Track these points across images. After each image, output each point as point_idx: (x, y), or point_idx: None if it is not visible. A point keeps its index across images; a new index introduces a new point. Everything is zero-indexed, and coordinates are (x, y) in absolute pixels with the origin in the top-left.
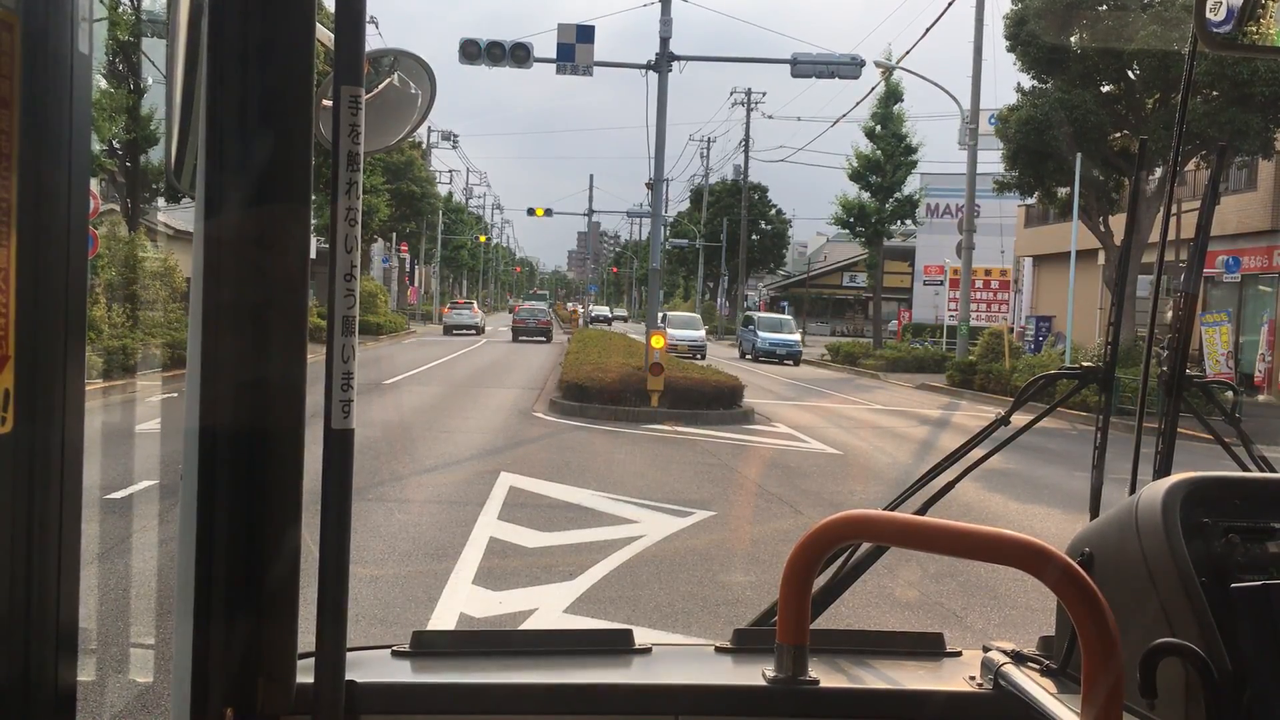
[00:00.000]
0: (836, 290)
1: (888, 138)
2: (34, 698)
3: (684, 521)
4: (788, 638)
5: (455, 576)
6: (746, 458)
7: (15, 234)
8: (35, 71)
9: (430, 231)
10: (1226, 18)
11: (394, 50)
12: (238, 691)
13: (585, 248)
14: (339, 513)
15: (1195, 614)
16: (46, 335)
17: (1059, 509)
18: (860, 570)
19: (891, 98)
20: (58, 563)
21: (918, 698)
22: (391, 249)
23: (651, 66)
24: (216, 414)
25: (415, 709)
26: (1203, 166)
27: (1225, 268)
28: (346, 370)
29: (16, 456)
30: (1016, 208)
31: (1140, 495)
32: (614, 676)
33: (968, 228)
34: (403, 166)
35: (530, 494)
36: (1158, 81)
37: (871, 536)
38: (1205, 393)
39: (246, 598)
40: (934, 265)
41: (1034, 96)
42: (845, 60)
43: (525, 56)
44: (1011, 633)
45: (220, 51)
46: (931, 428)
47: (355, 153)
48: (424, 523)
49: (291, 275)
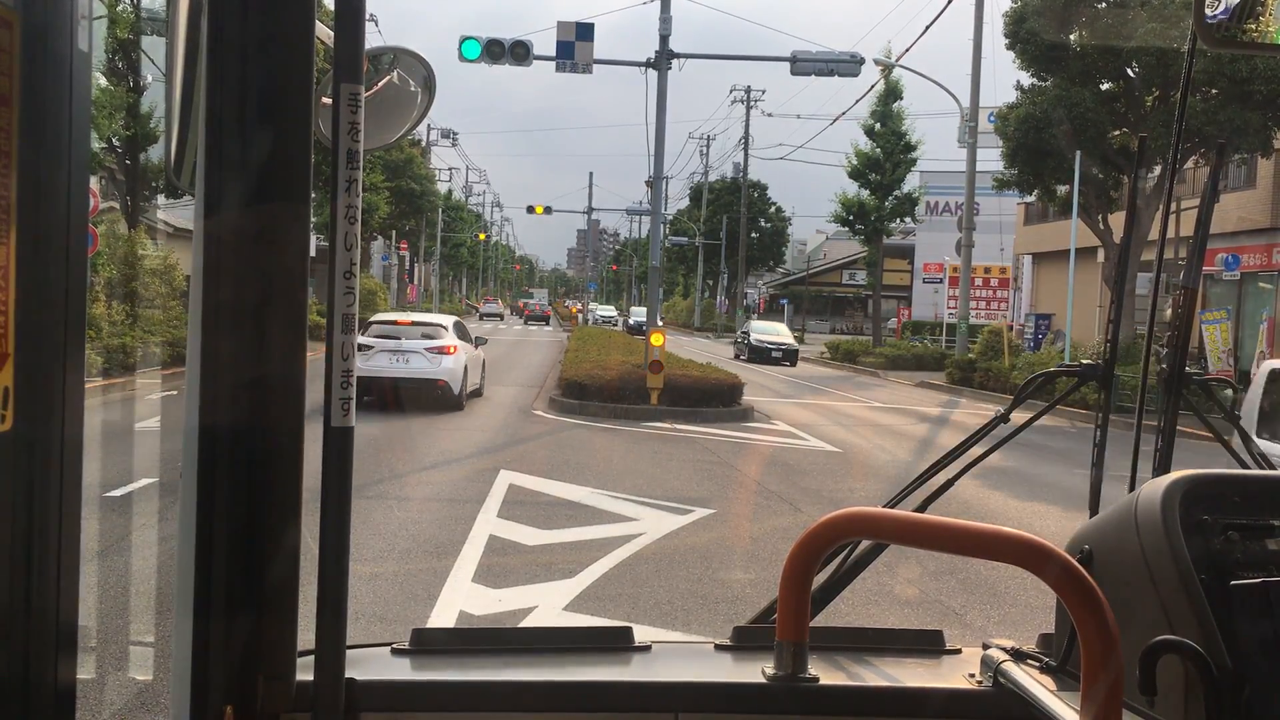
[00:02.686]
0: (836, 288)
1: (887, 135)
2: (34, 695)
3: (684, 519)
4: (787, 635)
5: (455, 574)
6: (746, 455)
7: (15, 231)
8: (35, 69)
9: (430, 229)
10: (1225, 15)
11: (394, 48)
12: (238, 689)
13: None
14: (339, 510)
15: (1194, 611)
16: (46, 333)
17: (1059, 507)
18: (860, 568)
19: (891, 95)
20: (57, 560)
21: (917, 695)
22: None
23: (651, 64)
24: (216, 412)
25: (415, 706)
26: (1202, 164)
27: (1225, 265)
28: (346, 368)
29: (16, 454)
30: (1016, 205)
31: (1140, 492)
32: (614, 674)
33: (967, 225)
34: (402, 164)
35: (530, 492)
36: (1157, 79)
37: (871, 534)
38: (1204, 390)
39: (246, 595)
40: (933, 263)
41: (1033, 94)
42: (845, 58)
43: (525, 54)
44: (1011, 631)
45: (220, 49)
46: (931, 425)
47: (355, 150)
48: (423, 520)
49: (291, 273)
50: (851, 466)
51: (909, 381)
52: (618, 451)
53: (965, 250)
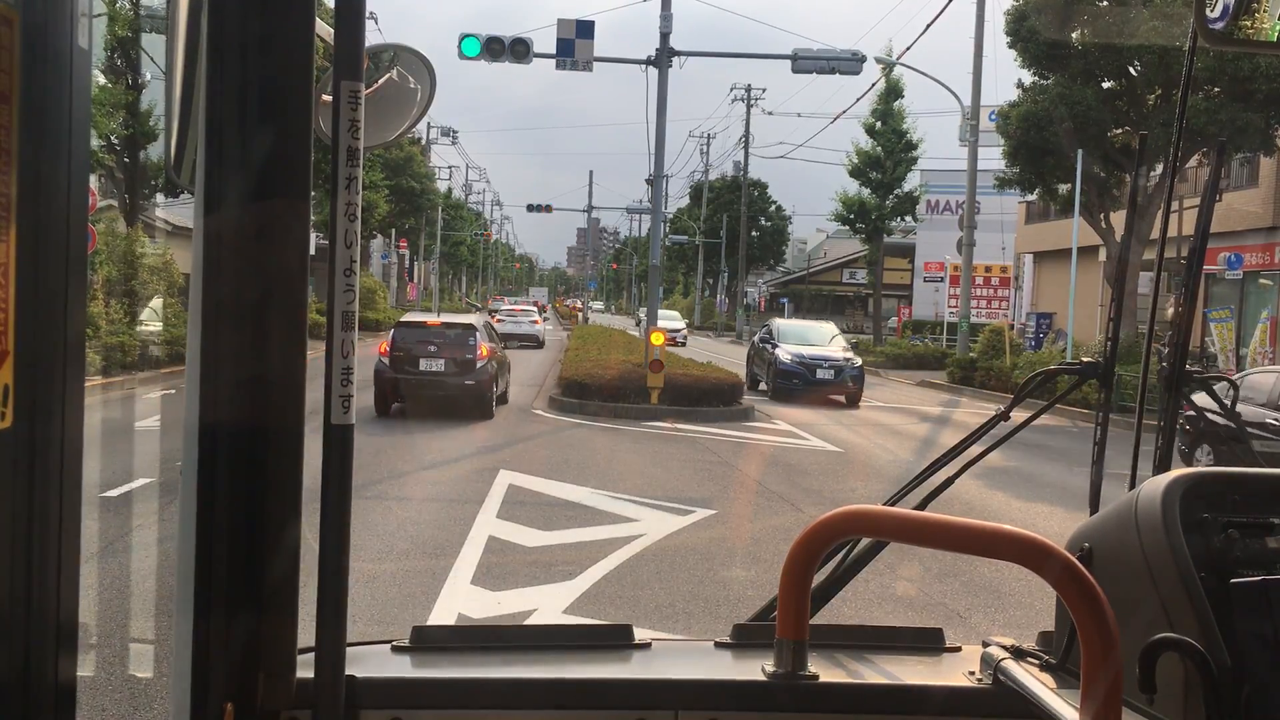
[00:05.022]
0: (836, 287)
1: (888, 134)
2: (34, 693)
3: (684, 520)
4: (787, 633)
5: (454, 576)
6: (747, 455)
7: (15, 229)
8: (35, 67)
9: (429, 228)
10: (1226, 14)
11: (394, 45)
12: (238, 686)
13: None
14: (339, 508)
15: (1194, 609)
16: (46, 331)
17: (1059, 506)
18: (860, 565)
19: (892, 94)
20: (58, 558)
21: (917, 693)
22: (391, 245)
23: (651, 62)
24: (216, 410)
25: (415, 704)
26: (1203, 163)
27: (1227, 264)
28: (346, 366)
29: (16, 452)
30: (1017, 204)
31: (1140, 491)
32: (614, 671)
33: (968, 224)
34: (402, 162)
35: (530, 492)
36: (1158, 78)
37: (871, 532)
38: (1205, 389)
39: (246, 593)
40: (934, 262)
41: (1035, 92)
42: (846, 56)
43: (525, 52)
44: (1011, 629)
45: (220, 47)
46: (933, 425)
47: (355, 148)
48: (422, 521)
49: (291, 271)
50: (853, 466)
51: (910, 380)
52: (618, 451)
53: (966, 249)
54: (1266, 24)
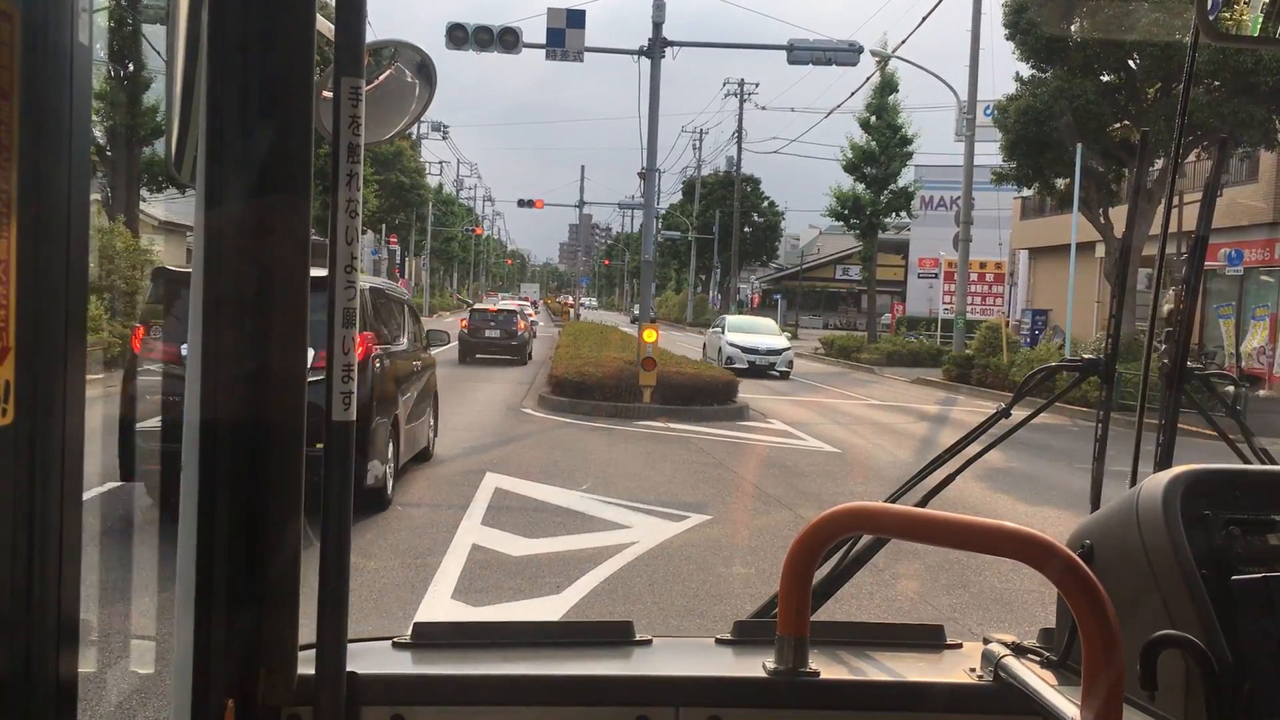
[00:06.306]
0: (829, 283)
1: (883, 128)
2: (35, 689)
3: (679, 526)
4: (788, 629)
5: (433, 590)
6: (742, 456)
7: (15, 226)
8: (35, 63)
9: (420, 223)
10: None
11: (394, 41)
12: (239, 682)
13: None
14: (340, 504)
15: (1196, 606)
16: (47, 327)
17: (1060, 506)
18: (860, 562)
19: (887, 88)
20: (58, 554)
21: (918, 689)
22: (381, 241)
23: (644, 52)
24: (217, 406)
25: (416, 700)
26: (1204, 158)
27: (1228, 260)
28: (346, 362)
29: (17, 448)
30: (1012, 200)
31: (1141, 488)
32: (614, 668)
33: (965, 219)
34: (392, 157)
35: (517, 496)
36: (1159, 71)
37: (872, 528)
38: (1206, 386)
39: (247, 589)
40: (928, 258)
41: (1033, 86)
42: (842, 47)
43: (514, 42)
44: (1012, 627)
45: (220, 42)
46: (931, 424)
47: (355, 144)
48: (400, 528)
49: (291, 267)
50: (852, 468)
51: (905, 378)
52: (610, 452)
53: (963, 245)
54: (1267, 19)
